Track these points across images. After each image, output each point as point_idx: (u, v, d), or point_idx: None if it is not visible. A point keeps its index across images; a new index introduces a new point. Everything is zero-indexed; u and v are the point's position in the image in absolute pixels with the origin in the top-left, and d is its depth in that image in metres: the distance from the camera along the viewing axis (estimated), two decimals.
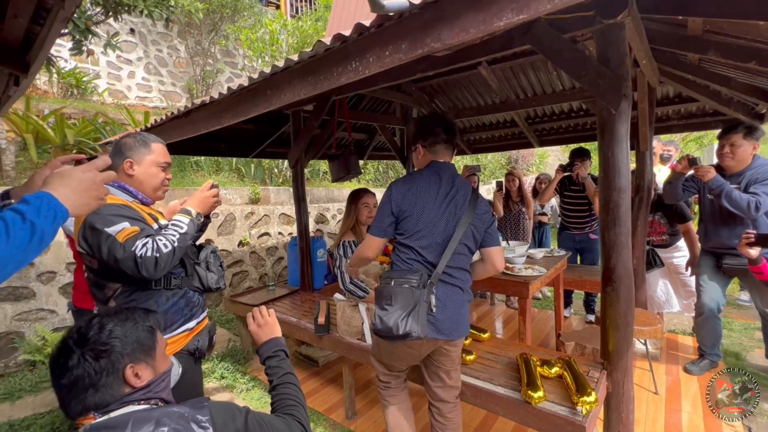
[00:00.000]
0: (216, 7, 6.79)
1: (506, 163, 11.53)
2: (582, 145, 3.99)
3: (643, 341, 2.62)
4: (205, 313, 1.69)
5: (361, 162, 7.21)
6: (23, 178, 3.97)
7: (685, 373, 2.75)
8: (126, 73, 6.76)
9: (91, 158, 1.33)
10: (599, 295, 2.17)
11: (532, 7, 0.85)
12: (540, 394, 1.57)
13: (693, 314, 3.33)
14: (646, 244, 3.11)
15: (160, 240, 1.32)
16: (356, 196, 2.57)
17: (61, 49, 5.43)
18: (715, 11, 1.62)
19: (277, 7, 9.12)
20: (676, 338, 3.39)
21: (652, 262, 3.10)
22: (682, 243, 3.19)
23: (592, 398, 1.51)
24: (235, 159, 5.80)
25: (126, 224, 1.34)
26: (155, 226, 1.47)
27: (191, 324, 1.53)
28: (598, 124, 1.72)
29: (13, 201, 0.96)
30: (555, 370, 1.78)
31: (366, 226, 2.60)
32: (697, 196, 2.78)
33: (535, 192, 4.53)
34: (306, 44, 6.59)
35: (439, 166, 1.61)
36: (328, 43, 1.17)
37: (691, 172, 2.65)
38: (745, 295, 4.23)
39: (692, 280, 3.16)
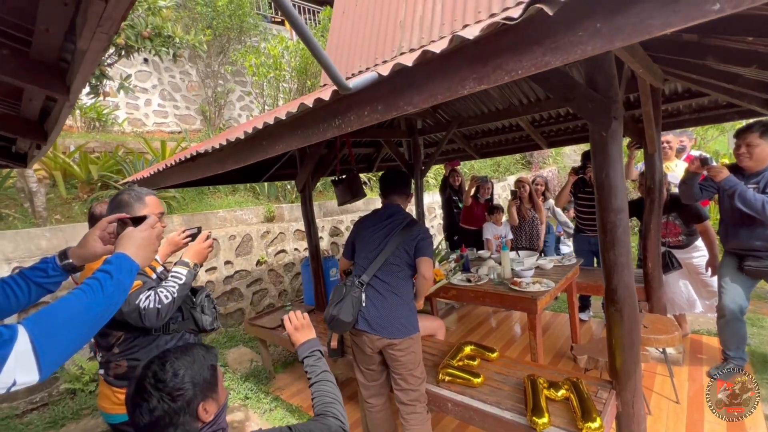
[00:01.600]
0: (222, 30, 6.99)
1: (521, 158, 11.33)
2: None
3: (660, 349, 2.57)
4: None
5: (370, 174, 7.30)
6: (55, 215, 4.24)
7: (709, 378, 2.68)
8: (143, 102, 7.07)
9: (117, 200, 1.48)
10: None
11: (492, 78, 0.89)
12: (545, 420, 1.59)
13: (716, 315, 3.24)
14: (662, 246, 3.04)
15: (162, 292, 1.44)
16: None
17: None
18: (692, 26, 1.60)
19: (282, 23, 9.28)
20: (700, 339, 3.29)
21: (669, 264, 3.03)
22: (700, 243, 3.09)
23: (596, 424, 1.52)
24: None
25: None
26: (153, 276, 1.59)
27: None
28: (591, 146, 1.72)
29: (71, 260, 1.13)
30: (561, 392, 1.79)
31: None
32: (717, 195, 2.68)
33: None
34: (309, 64, 6.70)
35: (384, 206, 2.22)
36: (310, 105, 1.24)
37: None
38: None
39: (714, 280, 3.06)
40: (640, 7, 0.68)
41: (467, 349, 2.22)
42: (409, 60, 0.98)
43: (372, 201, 6.50)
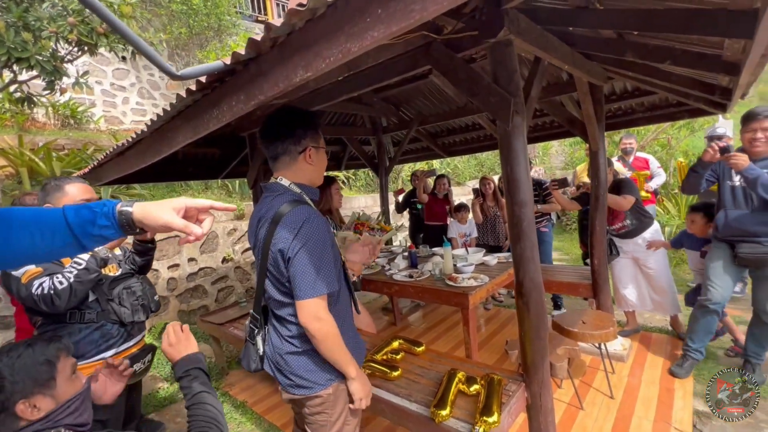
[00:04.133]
0: (200, 29, 7.00)
1: (475, 164, 10.74)
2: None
3: (597, 345, 2.59)
4: (131, 343, 1.80)
5: (347, 172, 7.29)
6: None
7: (654, 375, 2.70)
8: (120, 100, 7.07)
9: None
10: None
11: (314, 66, 0.90)
12: (445, 412, 1.60)
13: (665, 313, 3.25)
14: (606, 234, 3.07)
15: (57, 278, 1.45)
16: (329, 183, 2.70)
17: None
18: (595, 23, 1.61)
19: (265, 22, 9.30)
20: (650, 336, 3.30)
21: (610, 250, 3.07)
22: (648, 233, 3.08)
23: (492, 418, 1.53)
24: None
25: (31, 266, 1.48)
26: (70, 264, 1.60)
27: (108, 353, 1.65)
28: (499, 140, 1.73)
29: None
30: (475, 387, 1.79)
31: (338, 210, 2.80)
32: (716, 184, 2.58)
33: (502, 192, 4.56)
34: None
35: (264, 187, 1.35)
36: (184, 95, 1.25)
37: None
38: (737, 287, 4.06)
39: (661, 278, 3.07)
40: None
41: (395, 344, 2.23)
42: (251, 46, 0.99)
43: (348, 200, 6.50)
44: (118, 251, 1.96)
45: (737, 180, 2.39)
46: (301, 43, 0.92)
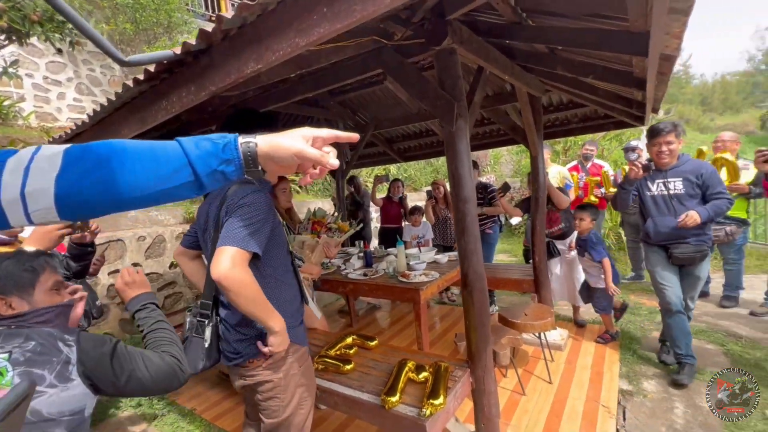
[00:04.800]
0: (148, 25, 6.69)
1: (431, 171, 10.95)
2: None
3: (537, 334, 2.79)
4: None
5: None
6: None
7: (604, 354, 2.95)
8: (55, 95, 6.54)
9: None
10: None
11: (264, 59, 0.95)
12: (395, 398, 1.67)
13: (572, 302, 3.56)
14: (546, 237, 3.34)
15: None
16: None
17: None
18: (528, 37, 1.80)
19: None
20: (583, 327, 3.60)
21: (549, 252, 3.36)
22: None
23: (439, 401, 1.62)
24: None
25: None
26: None
27: None
28: (444, 142, 1.85)
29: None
30: (423, 375, 1.88)
31: (285, 209, 2.76)
32: (637, 196, 2.80)
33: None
34: None
35: None
36: (131, 85, 1.24)
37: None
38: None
39: (576, 272, 3.40)
40: None
41: (348, 339, 2.28)
42: (202, 37, 1.02)
43: (304, 203, 6.46)
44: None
45: (655, 189, 2.69)
46: (252, 37, 0.96)
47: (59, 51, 6.76)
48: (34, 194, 0.52)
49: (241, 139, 0.62)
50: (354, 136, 0.71)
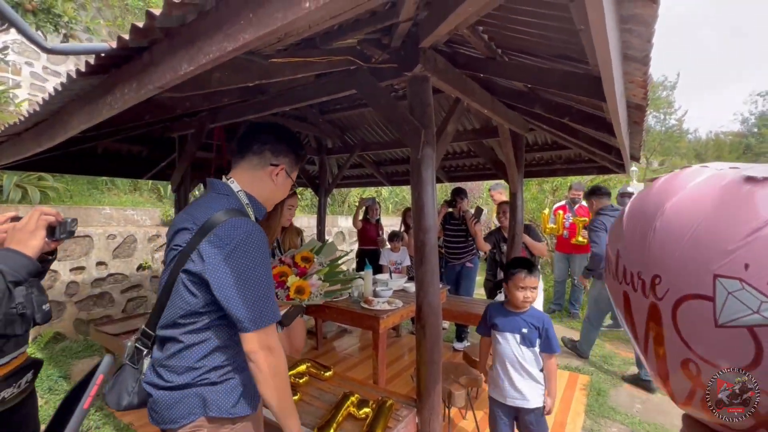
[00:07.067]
0: None
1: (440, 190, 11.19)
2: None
3: None
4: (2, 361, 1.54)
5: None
6: None
7: None
8: (51, 86, 6.53)
9: None
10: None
11: (196, 60, 0.91)
12: None
13: None
14: None
15: None
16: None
17: None
18: (503, 73, 1.79)
19: None
20: None
21: None
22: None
23: None
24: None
25: None
26: None
27: None
28: (410, 168, 1.81)
29: None
30: (364, 410, 1.77)
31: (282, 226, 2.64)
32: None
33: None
34: None
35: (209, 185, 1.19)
36: (74, 77, 1.19)
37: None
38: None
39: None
40: (272, 4, 0.74)
41: (302, 367, 2.16)
42: (136, 34, 0.98)
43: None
44: None
45: None
46: (188, 38, 0.92)
47: (43, 49, 6.88)
48: None
49: None
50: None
